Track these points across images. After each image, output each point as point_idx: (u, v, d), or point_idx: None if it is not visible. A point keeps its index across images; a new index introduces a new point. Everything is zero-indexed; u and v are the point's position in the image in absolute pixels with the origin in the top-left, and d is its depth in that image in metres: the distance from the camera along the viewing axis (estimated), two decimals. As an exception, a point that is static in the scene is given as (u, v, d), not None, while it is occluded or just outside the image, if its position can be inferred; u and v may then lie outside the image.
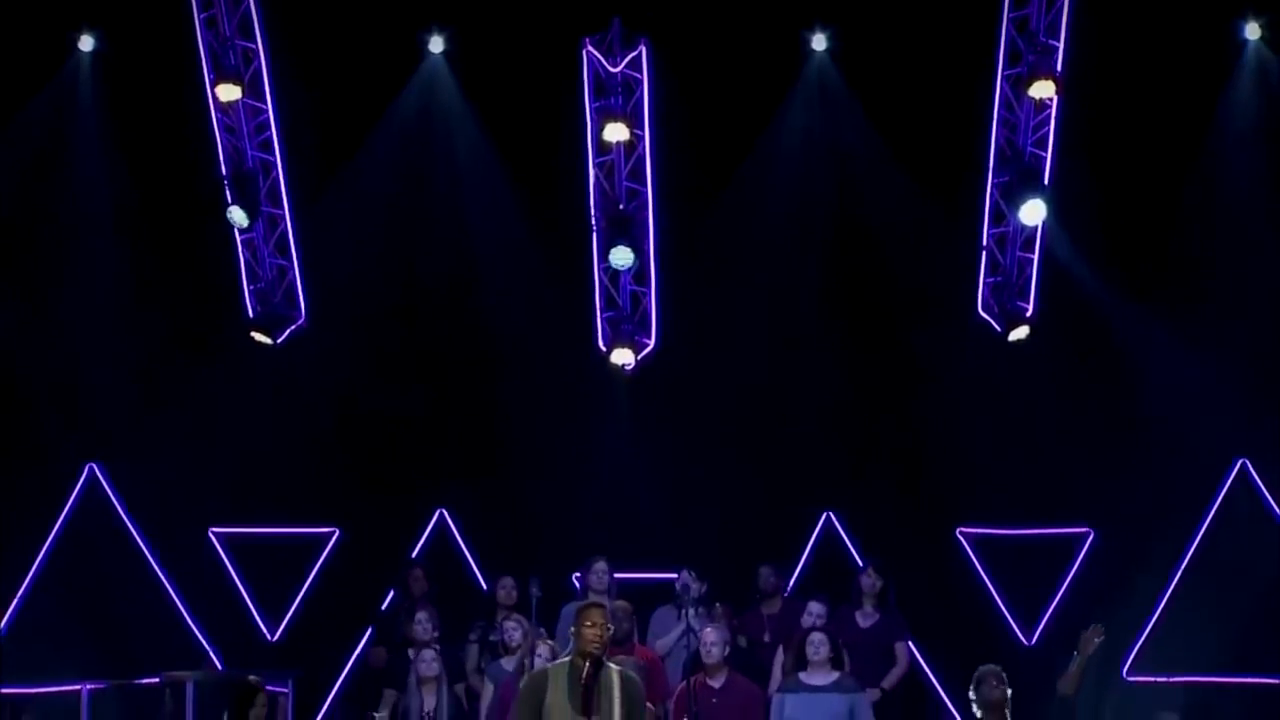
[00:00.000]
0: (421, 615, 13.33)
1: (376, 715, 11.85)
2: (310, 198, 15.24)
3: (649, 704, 11.99)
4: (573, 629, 9.41)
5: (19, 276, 14.99)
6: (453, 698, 12.78)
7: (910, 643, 13.61)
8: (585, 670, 9.20)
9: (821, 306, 15.24)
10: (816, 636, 12.39)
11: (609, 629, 9.38)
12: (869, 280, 15.04)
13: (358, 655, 14.65)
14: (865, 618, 13.45)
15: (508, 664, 12.75)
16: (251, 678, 11.11)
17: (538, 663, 12.43)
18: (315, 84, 14.97)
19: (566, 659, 9.56)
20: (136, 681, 13.43)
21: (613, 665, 9.47)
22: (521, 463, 15.10)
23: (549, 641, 12.25)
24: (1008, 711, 10.66)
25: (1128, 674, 14.36)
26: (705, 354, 15.24)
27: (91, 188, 15.18)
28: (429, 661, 12.68)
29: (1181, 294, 14.78)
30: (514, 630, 12.98)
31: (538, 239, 15.24)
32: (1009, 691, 10.70)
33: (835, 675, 12.37)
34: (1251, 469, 14.92)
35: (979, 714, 10.77)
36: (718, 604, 13.28)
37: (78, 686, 13.07)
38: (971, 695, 10.79)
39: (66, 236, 15.10)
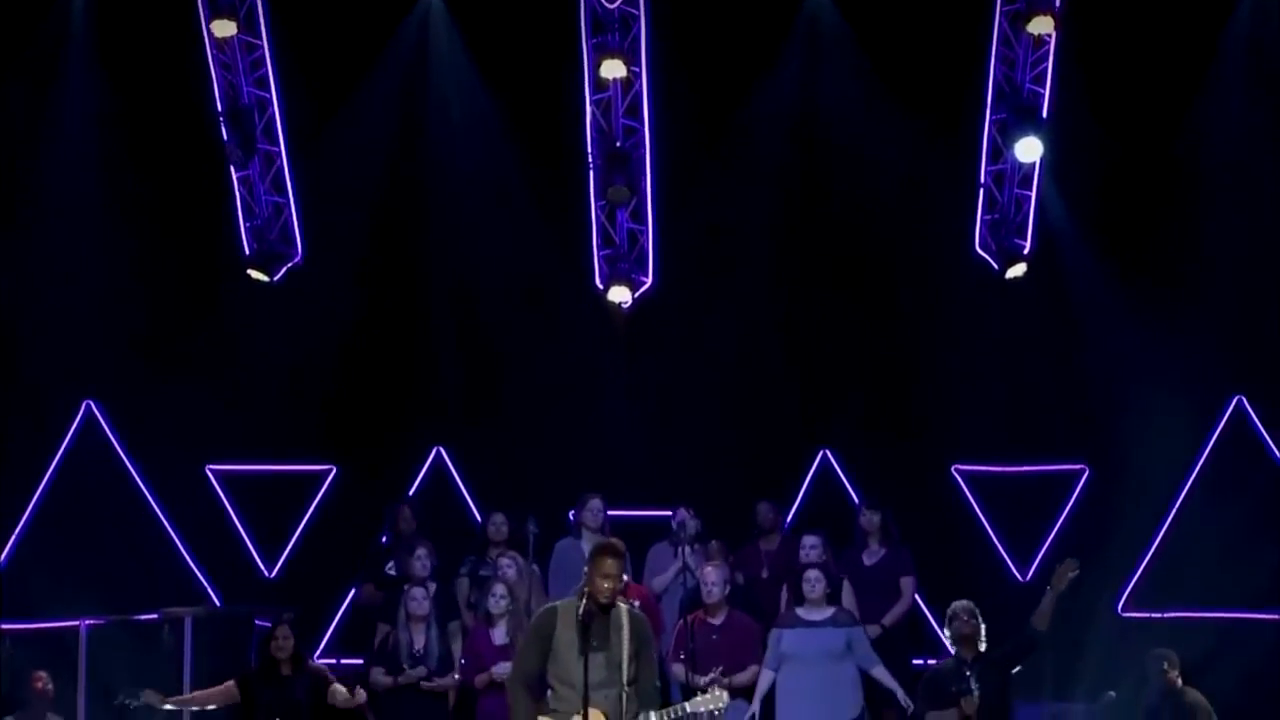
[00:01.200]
0: (421, 551, 13.35)
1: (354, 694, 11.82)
2: (306, 135, 15.19)
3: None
4: (586, 569, 9.29)
5: (13, 212, 14.95)
6: (442, 636, 12.79)
7: (915, 578, 13.67)
8: (582, 608, 9.18)
9: (819, 244, 15.22)
10: (812, 573, 12.45)
11: (624, 581, 9.29)
12: (867, 218, 15.02)
13: (355, 592, 14.69)
14: (871, 555, 13.47)
15: (491, 604, 12.72)
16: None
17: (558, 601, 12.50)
18: (311, 20, 14.91)
19: (575, 598, 9.41)
20: (135, 617, 13.49)
21: (622, 604, 9.42)
22: (518, 400, 15.11)
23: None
24: (980, 645, 10.72)
25: (1122, 610, 14.41)
26: (702, 291, 15.23)
27: (86, 125, 15.12)
28: (419, 600, 12.68)
29: (1179, 230, 14.76)
30: (509, 567, 13.01)
31: (535, 176, 15.20)
32: (982, 626, 10.75)
33: (831, 610, 12.44)
34: (1247, 405, 14.94)
35: (953, 648, 10.85)
36: (713, 541, 13.32)
37: (76, 622, 13.11)
38: (945, 631, 10.87)
39: (61, 173, 15.05)
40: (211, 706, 11.23)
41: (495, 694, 12.25)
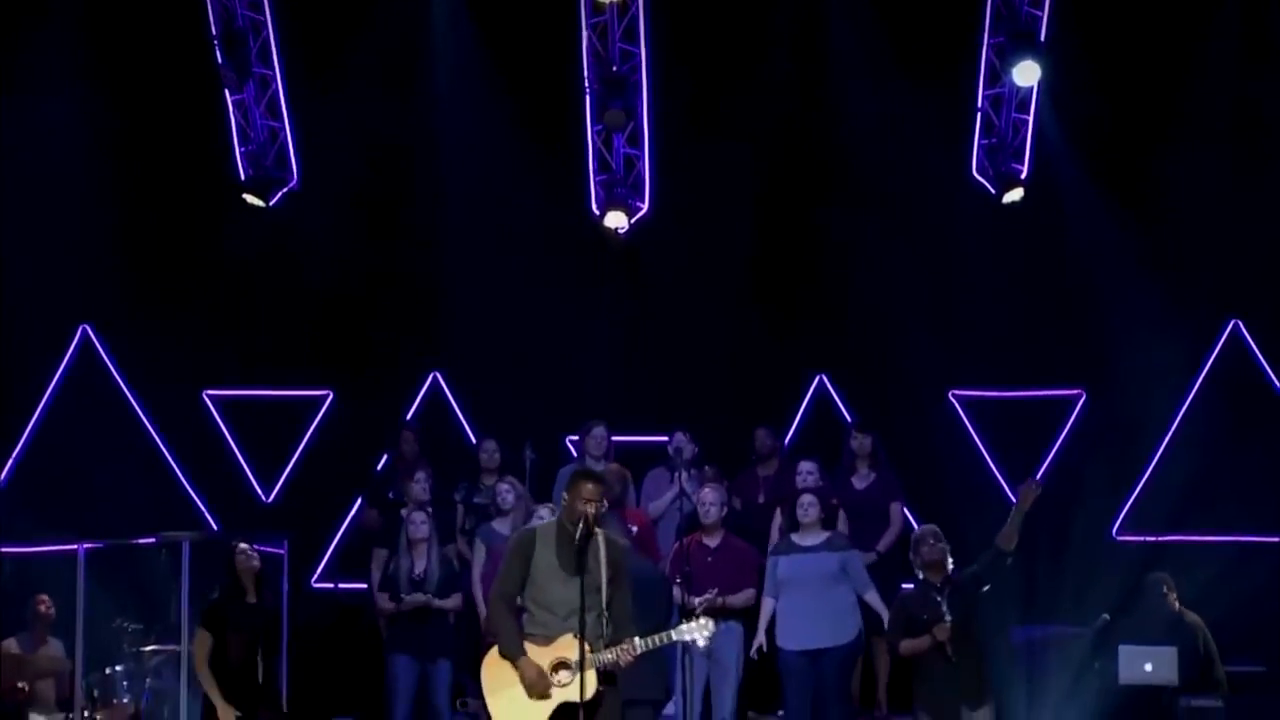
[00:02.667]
0: (420, 475, 13.39)
1: None
2: (302, 59, 15.12)
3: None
4: (565, 494, 9.35)
5: (6, 136, 14.89)
6: (443, 560, 12.86)
7: (904, 503, 13.71)
8: (579, 532, 9.21)
9: (816, 169, 15.18)
10: (806, 498, 12.50)
11: (603, 505, 9.29)
12: (864, 143, 14.96)
13: (352, 517, 14.72)
14: (861, 479, 13.54)
15: (500, 526, 12.82)
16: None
17: (537, 524, 12.53)
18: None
19: (554, 519, 9.56)
20: (133, 542, 13.52)
21: (599, 531, 9.42)
22: (515, 326, 15.09)
23: (549, 505, 12.30)
24: (948, 569, 10.73)
25: (1117, 534, 14.45)
26: (699, 217, 15.20)
27: (78, 48, 15.04)
28: (419, 524, 12.74)
29: (1176, 154, 14.72)
30: (507, 493, 13.05)
31: (531, 102, 15.14)
32: (947, 550, 10.76)
33: (826, 535, 12.50)
34: (1244, 329, 14.94)
35: (920, 575, 10.85)
36: (707, 465, 13.36)
37: (74, 546, 13.13)
38: (911, 555, 10.88)
39: (56, 97, 14.98)
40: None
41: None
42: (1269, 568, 13.95)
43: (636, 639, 9.14)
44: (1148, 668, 12.26)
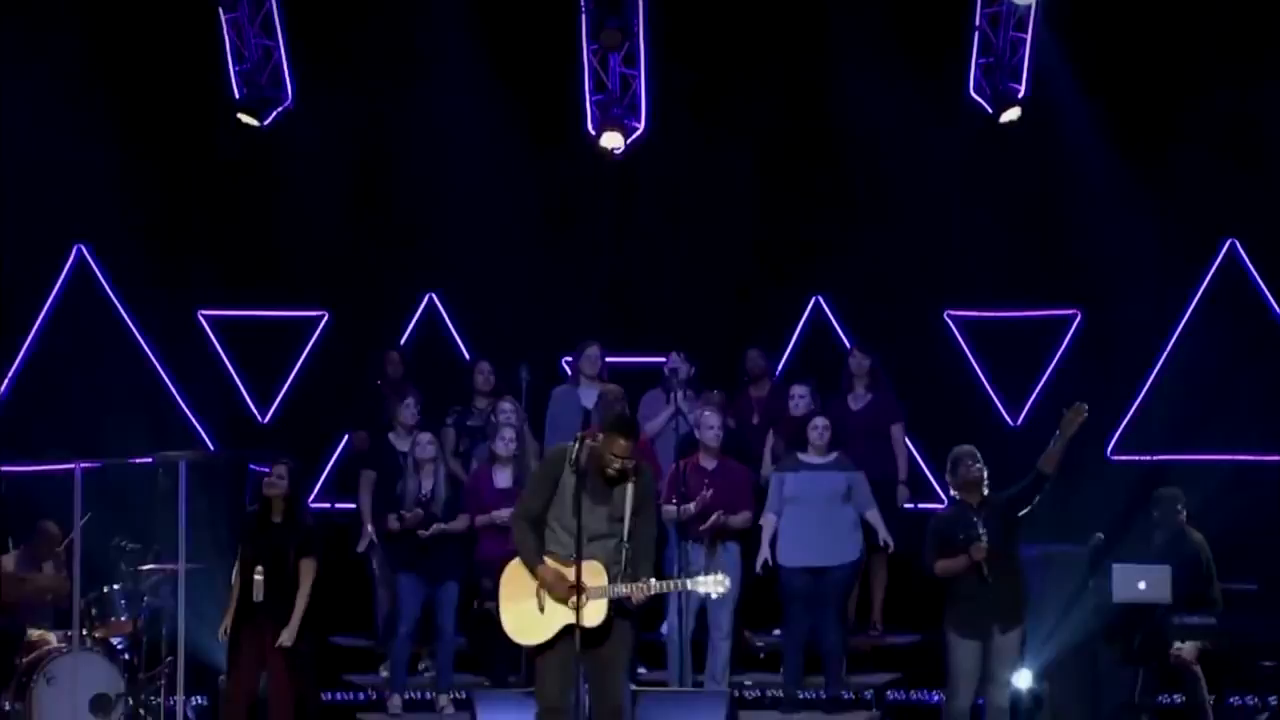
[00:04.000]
0: (409, 400, 13.42)
1: None
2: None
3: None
4: (597, 442, 9.38)
5: (1, 55, 14.82)
6: (449, 479, 12.91)
7: (904, 425, 13.74)
8: (583, 458, 9.29)
9: (813, 88, 15.12)
10: (820, 420, 12.57)
11: (631, 463, 9.35)
12: (861, 63, 14.89)
13: (347, 438, 14.75)
14: (857, 400, 13.57)
15: (501, 447, 12.82)
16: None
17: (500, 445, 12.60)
18: None
19: (586, 441, 9.52)
20: (130, 461, 13.53)
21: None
22: (510, 247, 15.08)
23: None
24: (985, 490, 10.78)
25: (1111, 454, 14.48)
26: (695, 138, 15.15)
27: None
28: (424, 445, 12.79)
29: (1173, 73, 14.67)
30: (510, 413, 13.08)
31: (526, 21, 15.05)
32: (984, 470, 10.80)
33: (834, 454, 12.56)
34: (1240, 249, 14.93)
35: (956, 494, 10.89)
36: (715, 390, 13.38)
37: (71, 465, 13.14)
38: (948, 476, 10.90)
39: (50, 16, 14.89)
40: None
41: (493, 537, 12.39)
42: (1263, 487, 13.99)
43: (653, 580, 9.28)
44: (1141, 586, 12.32)
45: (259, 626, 10.48)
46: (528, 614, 9.45)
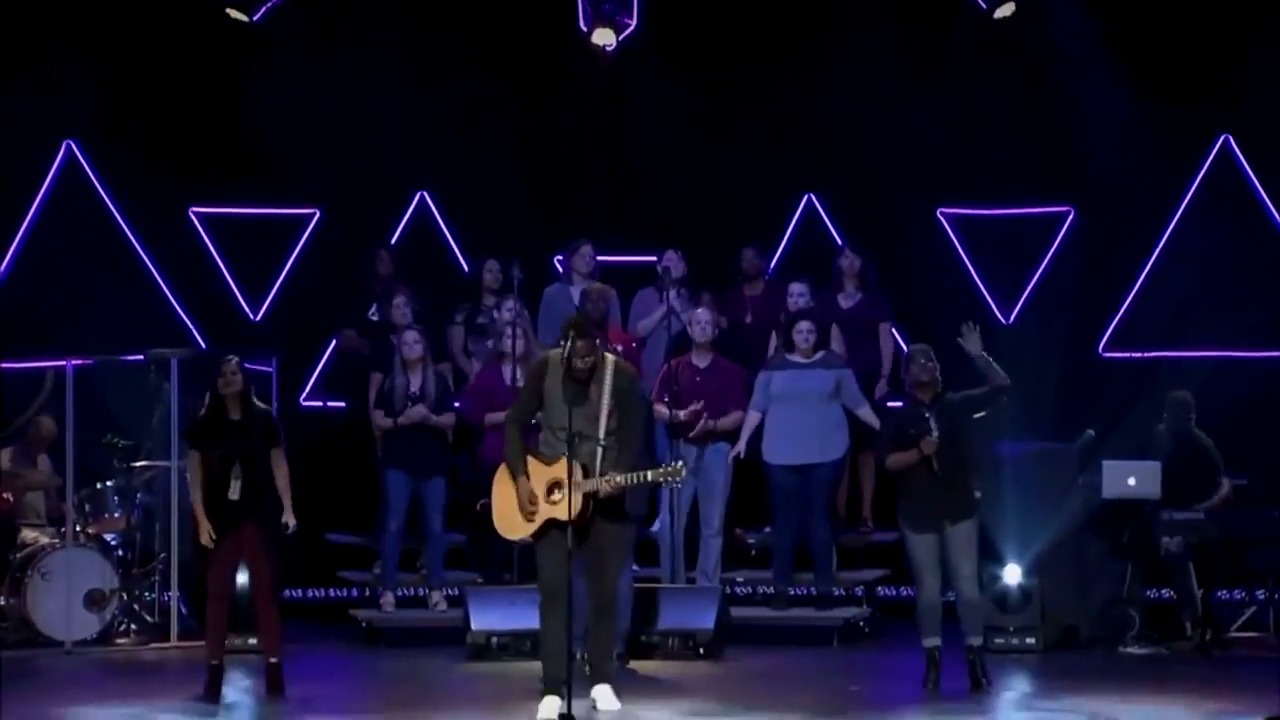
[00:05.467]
0: (399, 299, 13.44)
1: None
2: None
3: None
4: (564, 341, 9.63)
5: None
6: (437, 377, 12.94)
7: (893, 324, 13.73)
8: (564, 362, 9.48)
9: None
10: (804, 324, 12.59)
11: (593, 356, 9.59)
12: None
13: (337, 337, 14.75)
14: (847, 298, 13.59)
15: (507, 345, 12.82)
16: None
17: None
18: None
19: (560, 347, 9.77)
20: (122, 358, 13.54)
21: (608, 357, 9.75)
22: (502, 145, 15.01)
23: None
24: (938, 388, 10.75)
25: (1104, 351, 14.48)
26: (688, 34, 15.05)
27: None
28: (412, 343, 12.82)
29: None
30: (514, 311, 13.08)
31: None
32: (937, 369, 10.75)
33: (821, 353, 12.60)
34: (1234, 144, 14.87)
35: (912, 391, 10.85)
36: (705, 292, 13.39)
37: (62, 362, 13.15)
38: (903, 375, 10.90)
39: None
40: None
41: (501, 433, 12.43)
42: (1255, 383, 13.99)
43: (616, 475, 9.51)
44: (1131, 482, 12.38)
45: (237, 524, 10.45)
46: (513, 514, 9.78)
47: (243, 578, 11.05)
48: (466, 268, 14.89)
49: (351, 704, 10.70)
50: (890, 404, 13.22)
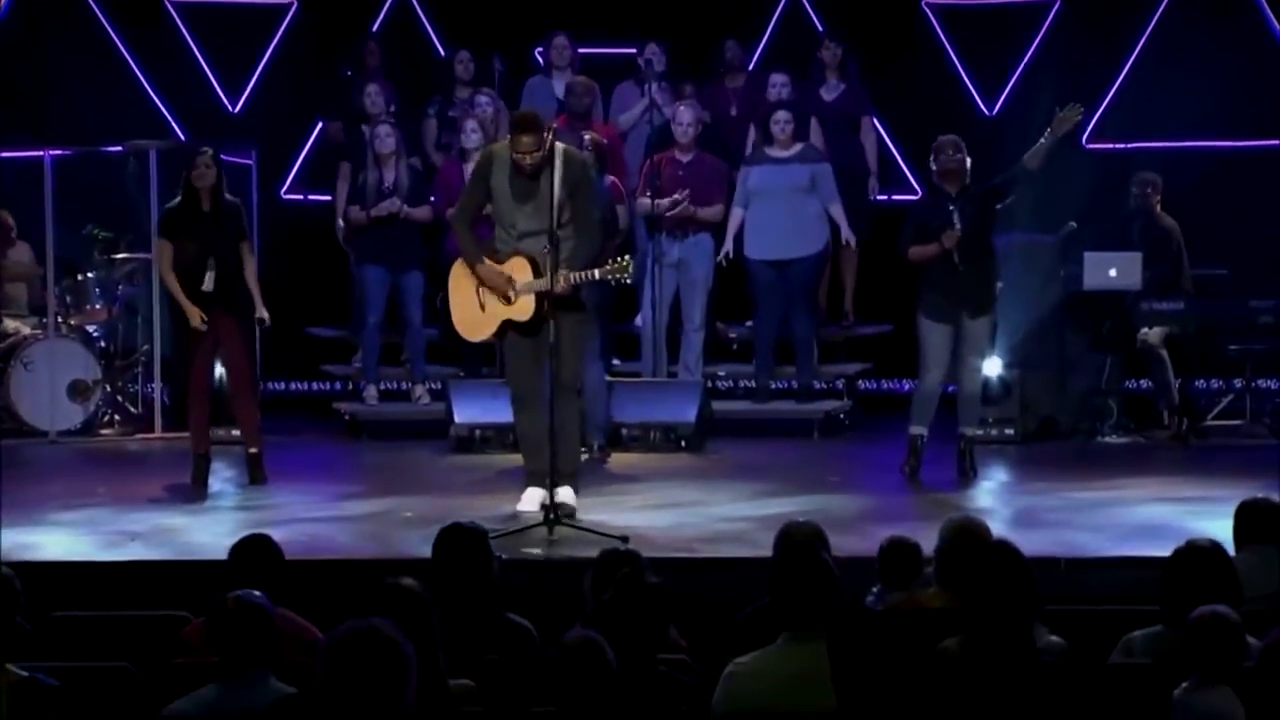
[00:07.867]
0: (371, 88, 13.33)
1: None
2: None
3: (614, 179, 12.13)
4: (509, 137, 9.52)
5: None
6: (411, 171, 12.86)
7: (875, 117, 13.65)
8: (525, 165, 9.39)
9: None
10: (781, 114, 12.53)
11: (539, 153, 9.34)
12: None
13: (319, 129, 14.64)
14: (829, 90, 13.50)
15: (465, 140, 12.74)
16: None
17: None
18: None
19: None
20: (100, 149, 13.45)
21: (559, 146, 9.52)
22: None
23: None
24: (965, 179, 10.75)
25: (1087, 142, 14.41)
26: None
27: None
28: (384, 137, 12.73)
29: None
30: (486, 105, 13.01)
31: None
32: (967, 160, 10.76)
33: (799, 146, 12.56)
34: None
35: (938, 182, 10.86)
36: (687, 84, 13.28)
37: (40, 153, 13.07)
38: (931, 164, 10.88)
39: None
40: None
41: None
42: (1239, 173, 13.94)
43: (573, 274, 9.33)
44: (1112, 273, 12.41)
45: (212, 315, 10.51)
46: (471, 310, 9.72)
47: (221, 370, 11.13)
48: (445, 60, 14.72)
49: (337, 491, 10.80)
50: (879, 198, 13.23)
